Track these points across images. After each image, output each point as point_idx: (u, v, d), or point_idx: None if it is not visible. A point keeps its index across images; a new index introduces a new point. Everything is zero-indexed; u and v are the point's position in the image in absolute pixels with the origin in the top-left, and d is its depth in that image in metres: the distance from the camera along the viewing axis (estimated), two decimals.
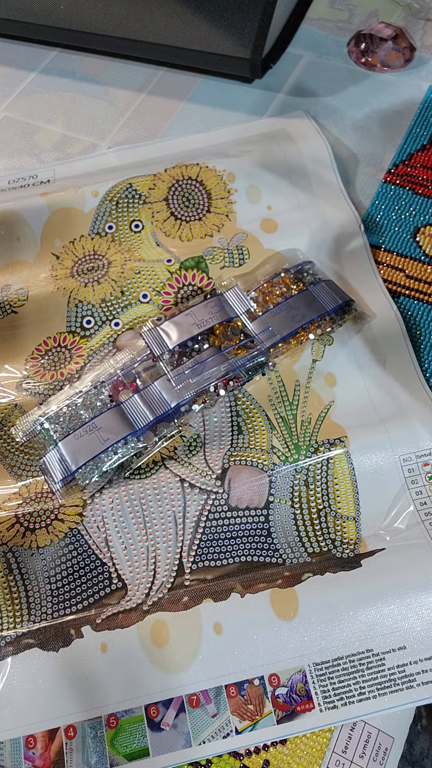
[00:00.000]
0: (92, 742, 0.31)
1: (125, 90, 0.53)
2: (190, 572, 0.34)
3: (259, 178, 0.45)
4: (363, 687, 0.31)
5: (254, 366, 0.38)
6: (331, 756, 0.31)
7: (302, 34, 0.55)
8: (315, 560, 0.33)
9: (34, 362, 0.40)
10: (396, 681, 0.31)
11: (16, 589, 0.34)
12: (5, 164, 0.50)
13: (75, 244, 0.44)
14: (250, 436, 0.37)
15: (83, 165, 0.48)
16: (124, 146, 0.49)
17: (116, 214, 0.45)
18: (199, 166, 0.46)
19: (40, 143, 0.51)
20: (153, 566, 0.34)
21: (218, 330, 0.38)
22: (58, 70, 0.55)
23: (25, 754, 0.31)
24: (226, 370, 0.36)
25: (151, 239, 0.44)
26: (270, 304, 0.38)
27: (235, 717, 0.31)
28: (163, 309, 0.41)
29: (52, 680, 0.32)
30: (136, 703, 0.32)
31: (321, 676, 0.31)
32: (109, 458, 0.35)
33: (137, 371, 0.38)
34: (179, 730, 0.31)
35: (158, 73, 0.54)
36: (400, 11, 0.55)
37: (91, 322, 0.41)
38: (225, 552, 0.34)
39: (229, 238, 0.43)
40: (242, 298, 0.38)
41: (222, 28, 0.48)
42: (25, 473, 0.37)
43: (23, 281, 0.43)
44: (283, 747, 0.31)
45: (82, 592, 0.34)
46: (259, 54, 0.48)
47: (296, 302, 0.38)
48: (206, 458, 0.37)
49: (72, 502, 0.36)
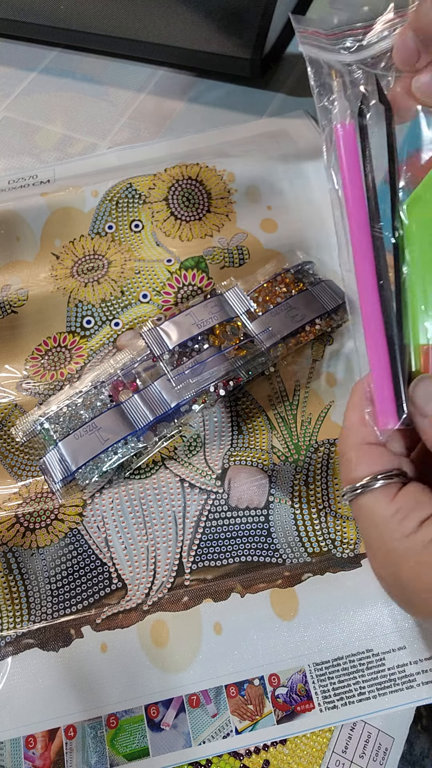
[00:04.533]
0: (92, 742, 0.31)
1: (125, 90, 0.53)
2: (190, 572, 0.34)
3: (259, 178, 0.45)
4: (363, 687, 0.31)
5: (254, 366, 0.38)
6: (331, 756, 0.31)
7: None
8: (315, 560, 0.33)
9: (34, 362, 0.40)
10: (396, 681, 0.31)
11: (16, 589, 0.34)
12: (5, 164, 0.50)
13: (75, 244, 0.44)
14: (250, 436, 0.37)
15: (83, 165, 0.48)
16: (124, 146, 0.49)
17: (116, 214, 0.45)
18: (199, 166, 0.46)
19: (40, 143, 0.51)
20: (153, 566, 0.34)
21: (218, 330, 0.38)
22: (58, 70, 0.55)
23: (25, 754, 0.31)
24: (226, 370, 0.36)
25: (151, 239, 0.44)
26: (270, 304, 0.38)
27: (235, 717, 0.31)
28: (163, 309, 0.41)
29: (52, 680, 0.32)
30: (136, 703, 0.32)
31: (321, 676, 0.31)
32: (109, 458, 0.35)
33: (137, 371, 0.38)
34: (179, 730, 0.31)
35: (158, 73, 0.54)
36: None
37: (91, 322, 0.41)
38: (225, 552, 0.34)
39: (229, 238, 0.43)
40: (242, 298, 0.38)
41: (222, 28, 0.48)
42: (25, 473, 0.37)
43: (23, 281, 0.43)
44: (283, 747, 0.31)
45: (82, 592, 0.34)
46: (259, 54, 0.48)
47: (296, 302, 0.38)
48: (206, 458, 0.37)
49: (72, 502, 0.36)
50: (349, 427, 0.25)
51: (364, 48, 0.26)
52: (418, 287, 0.24)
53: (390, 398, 0.24)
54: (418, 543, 0.22)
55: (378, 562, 0.24)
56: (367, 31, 0.26)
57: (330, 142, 0.25)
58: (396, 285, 0.24)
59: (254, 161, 0.46)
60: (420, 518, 0.22)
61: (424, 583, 0.22)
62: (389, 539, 0.23)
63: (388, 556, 0.23)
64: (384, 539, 0.23)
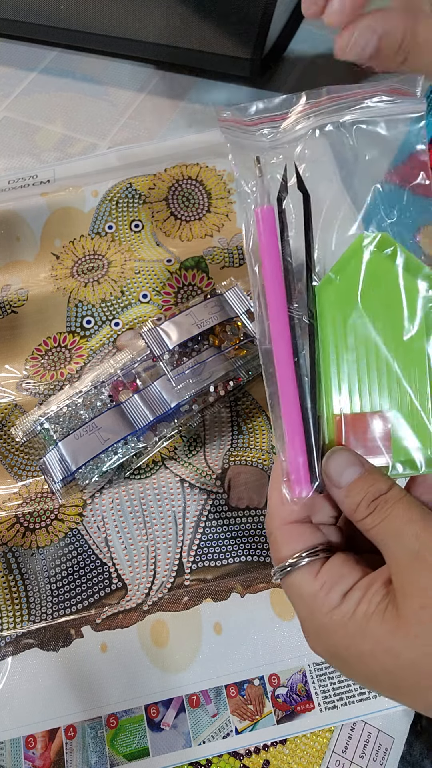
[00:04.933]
0: (92, 742, 0.31)
1: (125, 90, 0.53)
2: (190, 572, 0.34)
3: None
4: (363, 687, 0.31)
5: (254, 366, 0.38)
6: (331, 756, 0.31)
7: (302, 34, 0.55)
8: None
9: (34, 362, 0.40)
10: None
11: (16, 589, 0.34)
12: (5, 164, 0.50)
13: (75, 243, 0.44)
14: (250, 436, 0.37)
15: (83, 165, 0.48)
16: (124, 146, 0.49)
17: (116, 213, 0.45)
18: (199, 166, 0.46)
19: (40, 143, 0.51)
20: (153, 566, 0.34)
21: (218, 330, 0.38)
22: (58, 70, 0.55)
23: (25, 754, 0.31)
24: (226, 370, 0.36)
25: (151, 239, 0.44)
26: None
27: (235, 717, 0.31)
28: (163, 309, 0.41)
29: (52, 680, 0.32)
30: (136, 703, 0.32)
31: (321, 676, 0.31)
32: (109, 458, 0.35)
33: (137, 371, 0.38)
34: (179, 730, 0.31)
35: (158, 73, 0.54)
36: None
37: (91, 322, 0.41)
38: (225, 552, 0.34)
39: (229, 238, 0.43)
40: (242, 298, 0.38)
41: (222, 28, 0.48)
42: (25, 473, 0.37)
43: (23, 281, 0.43)
44: (283, 747, 0.31)
45: (82, 592, 0.34)
46: (259, 54, 0.48)
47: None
48: (206, 458, 0.37)
49: (72, 502, 0.36)
50: (272, 507, 0.26)
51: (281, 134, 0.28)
52: (331, 363, 0.26)
53: (304, 466, 0.25)
54: (344, 615, 0.23)
55: (311, 636, 0.24)
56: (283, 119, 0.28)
57: (249, 225, 0.26)
58: (310, 361, 0.26)
59: None
60: (342, 591, 0.23)
61: (354, 654, 0.22)
62: (318, 614, 0.23)
63: (319, 631, 0.24)
64: (314, 614, 0.23)
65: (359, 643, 0.22)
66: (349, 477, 0.24)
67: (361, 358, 0.26)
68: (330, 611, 0.23)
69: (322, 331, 0.26)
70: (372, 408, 0.25)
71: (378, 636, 0.22)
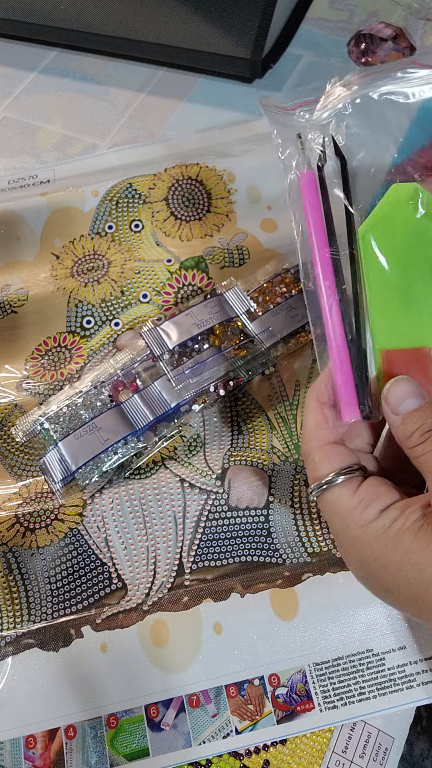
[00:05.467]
0: (92, 742, 0.31)
1: (125, 90, 0.53)
2: (190, 572, 0.34)
3: (259, 178, 0.45)
4: (363, 687, 0.31)
5: (254, 366, 0.38)
6: (331, 756, 0.31)
7: (302, 34, 0.55)
8: (315, 560, 0.33)
9: (34, 362, 0.40)
10: (396, 681, 0.31)
11: (16, 589, 0.34)
12: (5, 164, 0.50)
13: (75, 243, 0.44)
14: (250, 436, 0.37)
15: (83, 165, 0.48)
16: (124, 146, 0.49)
17: (116, 213, 0.45)
18: (199, 166, 0.46)
19: (40, 143, 0.51)
20: (153, 566, 0.34)
21: (218, 330, 0.38)
22: (58, 70, 0.55)
23: (25, 754, 0.31)
24: (226, 370, 0.36)
25: (151, 239, 0.44)
26: (270, 304, 0.38)
27: (235, 717, 0.31)
28: (163, 309, 0.41)
29: (52, 680, 0.32)
30: (136, 703, 0.32)
31: (321, 676, 0.31)
32: (109, 458, 0.35)
33: (137, 371, 0.38)
34: (179, 730, 0.31)
35: (158, 73, 0.54)
36: (400, 11, 0.55)
37: (91, 322, 0.41)
38: (225, 552, 0.34)
39: (229, 238, 0.43)
40: (242, 298, 0.38)
41: (222, 28, 0.48)
42: (25, 473, 0.37)
43: (23, 281, 0.43)
44: (283, 747, 0.31)
45: (82, 592, 0.34)
46: (259, 54, 0.48)
47: (296, 302, 0.38)
48: (206, 458, 0.37)
49: (72, 502, 0.36)
50: (309, 429, 0.28)
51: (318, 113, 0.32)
52: (375, 299, 0.28)
53: (352, 394, 0.27)
54: (378, 528, 0.24)
55: (344, 547, 0.26)
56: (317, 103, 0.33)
57: (292, 188, 0.31)
58: (354, 298, 0.28)
59: (254, 161, 0.46)
60: (380, 507, 0.25)
61: (382, 564, 0.24)
62: (353, 527, 0.25)
63: (353, 542, 0.25)
64: (349, 527, 0.25)
65: (389, 554, 0.24)
66: (409, 406, 0.25)
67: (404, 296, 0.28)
68: (366, 524, 0.25)
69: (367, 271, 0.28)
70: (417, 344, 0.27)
71: (408, 549, 0.23)
